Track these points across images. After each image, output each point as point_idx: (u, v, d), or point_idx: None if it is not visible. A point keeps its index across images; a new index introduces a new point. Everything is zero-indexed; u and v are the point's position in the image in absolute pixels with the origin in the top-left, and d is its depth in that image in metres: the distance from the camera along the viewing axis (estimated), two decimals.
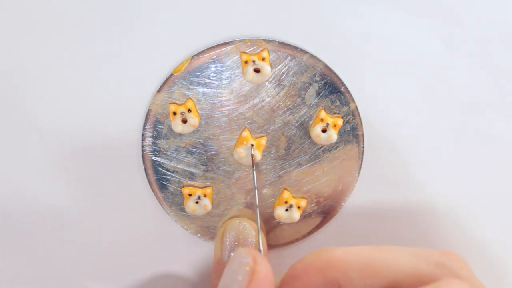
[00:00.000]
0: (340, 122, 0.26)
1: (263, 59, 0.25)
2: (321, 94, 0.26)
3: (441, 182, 0.28)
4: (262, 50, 0.25)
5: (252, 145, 0.26)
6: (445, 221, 0.28)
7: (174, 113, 0.26)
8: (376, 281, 0.18)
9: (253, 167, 0.26)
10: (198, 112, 0.26)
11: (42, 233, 0.28)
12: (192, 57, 0.25)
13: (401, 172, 0.28)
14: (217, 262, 0.26)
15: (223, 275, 0.20)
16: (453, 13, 0.26)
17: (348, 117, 0.26)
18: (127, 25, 0.25)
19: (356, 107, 0.26)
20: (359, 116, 0.26)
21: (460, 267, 0.19)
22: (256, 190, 0.26)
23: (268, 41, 0.25)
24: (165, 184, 0.27)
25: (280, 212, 0.27)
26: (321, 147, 0.27)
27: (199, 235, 0.28)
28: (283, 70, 0.26)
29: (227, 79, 0.26)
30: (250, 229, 0.26)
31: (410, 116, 0.27)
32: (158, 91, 0.26)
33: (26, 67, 0.26)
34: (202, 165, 0.27)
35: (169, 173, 0.27)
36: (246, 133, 0.26)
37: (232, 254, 0.25)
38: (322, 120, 0.26)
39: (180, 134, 0.26)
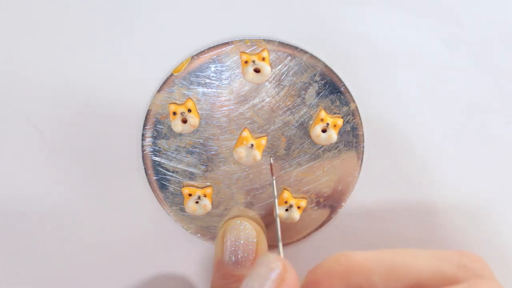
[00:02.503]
0: (340, 122, 0.26)
1: (263, 59, 0.25)
2: (321, 94, 0.26)
3: (441, 182, 0.28)
4: (262, 50, 0.25)
5: (252, 145, 0.26)
6: (445, 221, 0.28)
7: (174, 113, 0.26)
8: (399, 284, 0.18)
9: (272, 176, 0.26)
10: (198, 112, 0.26)
11: (42, 233, 0.28)
12: (192, 57, 0.25)
13: (401, 172, 0.28)
14: (218, 263, 0.26)
15: (248, 278, 0.19)
16: (453, 13, 0.26)
17: (348, 117, 0.26)
18: (127, 25, 0.25)
19: (356, 107, 0.26)
20: (359, 116, 0.26)
21: (481, 269, 0.19)
22: (276, 200, 0.25)
23: (268, 41, 0.25)
24: (165, 184, 0.27)
25: (280, 212, 0.27)
26: (321, 147, 0.27)
27: (199, 235, 0.28)
28: (283, 70, 0.26)
29: (227, 79, 0.26)
30: (251, 230, 0.26)
31: (410, 116, 0.27)
32: (158, 91, 0.26)
33: (26, 67, 0.26)
34: (202, 165, 0.27)
35: (169, 173, 0.27)
36: (246, 133, 0.26)
37: (232, 254, 0.25)
38: (322, 120, 0.26)
39: (180, 134, 0.26)
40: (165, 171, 0.27)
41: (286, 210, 0.27)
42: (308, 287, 0.20)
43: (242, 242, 0.25)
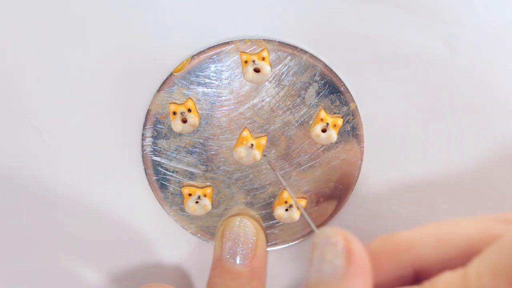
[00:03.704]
0: (340, 122, 0.26)
1: (263, 58, 0.25)
2: (321, 94, 0.26)
3: (441, 182, 0.28)
4: (262, 50, 0.25)
5: (252, 144, 0.26)
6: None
7: (174, 113, 0.26)
8: (450, 252, 0.18)
9: (274, 171, 0.26)
10: (198, 112, 0.26)
11: (42, 234, 0.28)
12: (192, 57, 0.25)
13: (401, 172, 0.28)
14: (217, 260, 0.26)
15: (312, 263, 0.18)
16: (453, 13, 0.26)
17: (348, 117, 0.26)
18: (127, 25, 0.25)
19: (356, 107, 0.26)
20: (359, 116, 0.26)
21: None
22: (288, 188, 0.26)
23: (268, 41, 0.25)
24: (165, 184, 0.27)
25: (280, 212, 0.27)
26: (321, 147, 0.27)
27: (199, 235, 0.28)
28: (283, 70, 0.26)
29: (227, 79, 0.26)
30: (251, 227, 0.26)
31: (410, 116, 0.27)
32: (158, 90, 0.26)
33: (26, 67, 0.26)
34: (202, 165, 0.27)
35: (169, 173, 0.27)
36: (246, 133, 0.26)
37: (231, 251, 0.25)
38: (322, 120, 0.26)
39: (180, 134, 0.26)
40: (165, 171, 0.27)
41: (286, 210, 0.27)
42: None
43: (241, 239, 0.26)
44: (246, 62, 0.25)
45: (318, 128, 0.26)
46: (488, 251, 0.16)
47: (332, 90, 0.26)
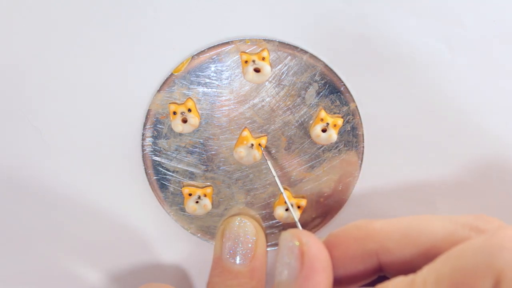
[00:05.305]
0: (340, 122, 0.26)
1: (263, 58, 0.25)
2: (321, 94, 0.26)
3: (441, 182, 0.28)
4: (262, 50, 0.25)
5: (252, 144, 0.26)
6: None
7: (174, 113, 0.26)
8: (413, 250, 0.19)
9: (266, 160, 0.26)
10: (198, 112, 0.26)
11: (42, 234, 0.28)
12: (192, 57, 0.25)
13: (401, 172, 0.28)
14: (217, 260, 0.26)
15: (276, 265, 0.20)
16: (453, 13, 0.26)
17: (348, 117, 0.26)
18: (127, 25, 0.25)
19: (356, 107, 0.26)
20: (359, 116, 0.26)
21: (496, 228, 0.18)
22: (277, 178, 0.26)
23: (268, 41, 0.25)
24: (165, 184, 0.27)
25: (280, 212, 0.27)
26: (321, 147, 0.27)
27: (199, 235, 0.28)
28: (283, 70, 0.26)
29: (227, 79, 0.26)
30: (251, 227, 0.26)
31: (410, 116, 0.27)
32: (158, 91, 0.26)
33: (26, 67, 0.26)
34: (202, 165, 0.27)
35: (169, 173, 0.27)
36: (246, 133, 0.26)
37: (231, 250, 0.25)
38: (322, 120, 0.26)
39: (180, 134, 0.26)
40: (165, 171, 0.27)
41: (286, 210, 0.27)
42: (327, 247, 0.20)
43: (241, 239, 0.26)
44: (246, 62, 0.25)
45: (318, 128, 0.26)
46: (437, 260, 0.17)
47: (332, 90, 0.26)
